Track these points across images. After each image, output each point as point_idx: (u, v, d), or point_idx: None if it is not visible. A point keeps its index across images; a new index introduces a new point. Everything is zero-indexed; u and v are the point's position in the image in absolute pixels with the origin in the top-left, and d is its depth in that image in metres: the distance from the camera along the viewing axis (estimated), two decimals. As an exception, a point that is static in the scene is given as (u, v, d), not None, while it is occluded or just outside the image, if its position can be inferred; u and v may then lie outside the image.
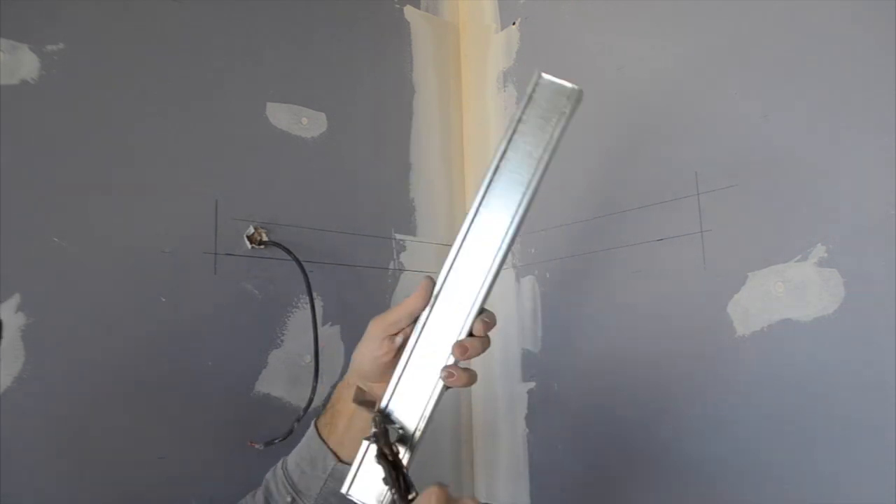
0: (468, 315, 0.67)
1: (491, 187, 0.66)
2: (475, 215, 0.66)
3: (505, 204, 0.65)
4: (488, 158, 1.26)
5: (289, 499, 0.73)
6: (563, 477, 1.09)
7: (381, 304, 1.15)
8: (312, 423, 0.77)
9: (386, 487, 0.62)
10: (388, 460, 0.62)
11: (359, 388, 0.73)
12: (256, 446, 0.95)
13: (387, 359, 0.69)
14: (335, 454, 0.72)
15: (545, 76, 0.65)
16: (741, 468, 0.86)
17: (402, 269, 1.19)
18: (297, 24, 1.13)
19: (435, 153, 1.29)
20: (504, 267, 1.19)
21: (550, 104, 0.65)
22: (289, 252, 1.01)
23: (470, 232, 0.67)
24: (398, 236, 1.19)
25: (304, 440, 0.77)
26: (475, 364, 1.28)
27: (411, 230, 1.22)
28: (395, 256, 1.19)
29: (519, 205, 0.65)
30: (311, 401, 0.98)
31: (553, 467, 1.11)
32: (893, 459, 0.74)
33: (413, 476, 0.63)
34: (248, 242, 1.00)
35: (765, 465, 0.84)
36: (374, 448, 0.63)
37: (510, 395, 1.18)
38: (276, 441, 0.95)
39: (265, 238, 1.01)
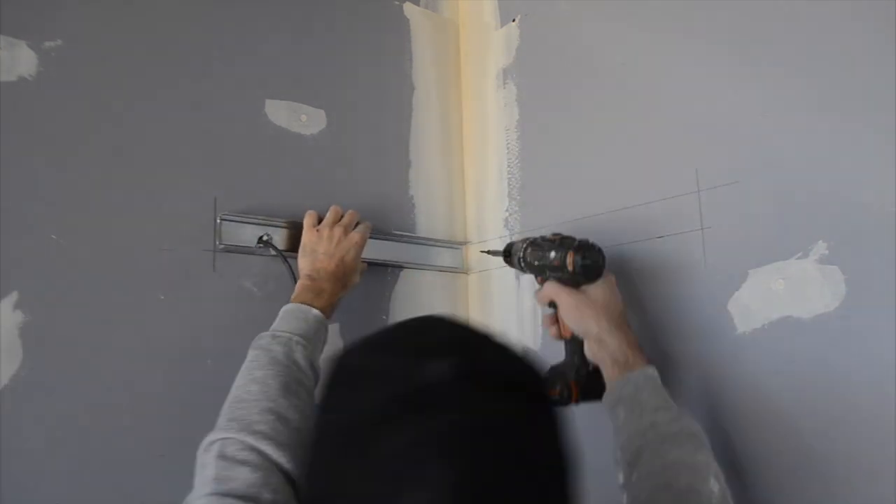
0: None
1: None
2: None
3: None
4: (487, 156, 1.27)
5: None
6: (562, 475, 1.09)
7: (381, 301, 1.15)
8: (307, 308, 0.91)
9: None
10: None
11: None
12: None
13: None
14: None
15: None
16: (740, 466, 0.86)
17: (401, 266, 1.19)
18: (296, 21, 1.13)
19: (434, 150, 1.29)
20: (503, 264, 1.20)
21: None
22: (279, 251, 1.00)
23: None
24: (398, 233, 1.19)
25: (305, 325, 0.88)
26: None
27: (410, 227, 1.22)
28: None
29: None
30: None
31: (553, 465, 1.10)
32: (893, 458, 0.73)
33: None
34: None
35: (764, 463, 0.84)
36: None
37: (510, 392, 1.18)
38: None
39: (263, 236, 1.01)
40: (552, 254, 0.91)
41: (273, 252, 1.00)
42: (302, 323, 0.88)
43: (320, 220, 1.03)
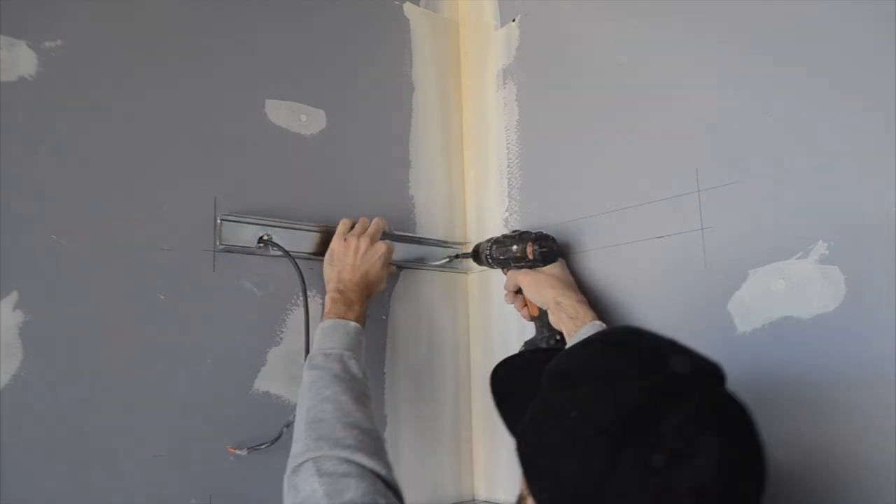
0: None
1: None
2: None
3: None
4: (487, 156, 1.27)
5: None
6: (562, 475, 1.09)
7: (381, 302, 1.15)
8: (345, 322, 0.93)
9: None
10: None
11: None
12: (238, 452, 0.94)
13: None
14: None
15: None
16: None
17: (401, 266, 1.19)
18: (296, 21, 1.13)
19: (434, 150, 1.29)
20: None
21: None
22: (283, 250, 1.00)
23: None
24: (398, 233, 1.19)
25: (349, 338, 0.91)
26: (475, 362, 1.28)
27: (410, 227, 1.22)
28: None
29: None
30: None
31: (553, 465, 1.10)
32: (893, 458, 0.73)
33: (412, 472, 0.67)
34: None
35: (765, 463, 0.84)
36: None
37: (510, 392, 1.18)
38: (263, 445, 0.95)
39: (264, 236, 1.01)
40: (514, 247, 1.05)
41: (275, 251, 1.00)
42: (345, 337, 0.92)
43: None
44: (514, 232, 1.08)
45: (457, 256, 1.24)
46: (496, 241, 1.10)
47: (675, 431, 0.52)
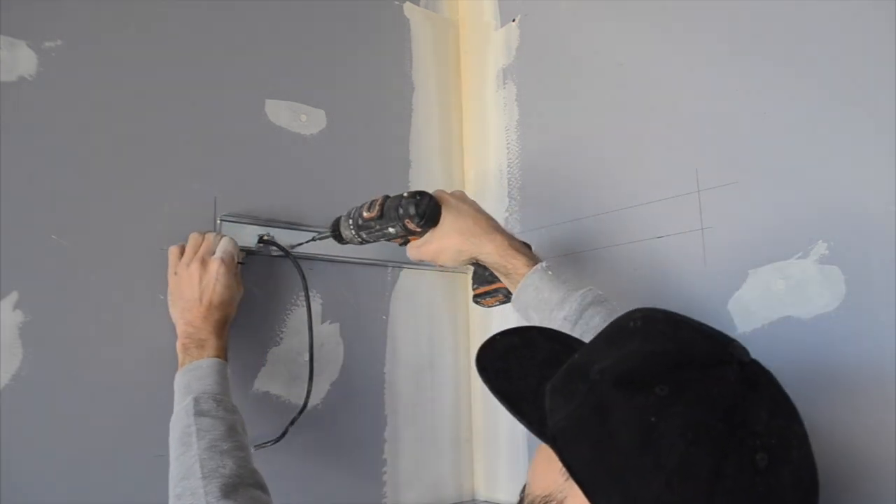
0: None
1: None
2: None
3: None
4: (487, 156, 1.27)
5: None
6: (562, 475, 1.09)
7: (381, 302, 1.15)
8: (197, 364, 0.84)
9: None
10: None
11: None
12: None
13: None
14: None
15: None
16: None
17: (401, 266, 1.19)
18: (296, 21, 1.13)
19: (434, 150, 1.29)
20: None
21: None
22: (284, 250, 1.00)
23: None
24: (398, 234, 1.19)
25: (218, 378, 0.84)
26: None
27: (411, 228, 1.22)
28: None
29: None
30: (305, 403, 0.98)
31: (553, 465, 1.10)
32: (893, 458, 0.73)
33: (412, 472, 0.65)
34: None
35: (765, 463, 0.84)
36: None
37: (510, 392, 1.18)
38: (268, 443, 0.95)
39: (264, 236, 1.01)
40: (391, 229, 0.90)
41: (276, 251, 1.00)
42: (199, 381, 0.83)
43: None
44: (370, 209, 0.90)
45: (314, 239, 1.02)
46: (362, 227, 0.91)
47: (766, 425, 0.48)
